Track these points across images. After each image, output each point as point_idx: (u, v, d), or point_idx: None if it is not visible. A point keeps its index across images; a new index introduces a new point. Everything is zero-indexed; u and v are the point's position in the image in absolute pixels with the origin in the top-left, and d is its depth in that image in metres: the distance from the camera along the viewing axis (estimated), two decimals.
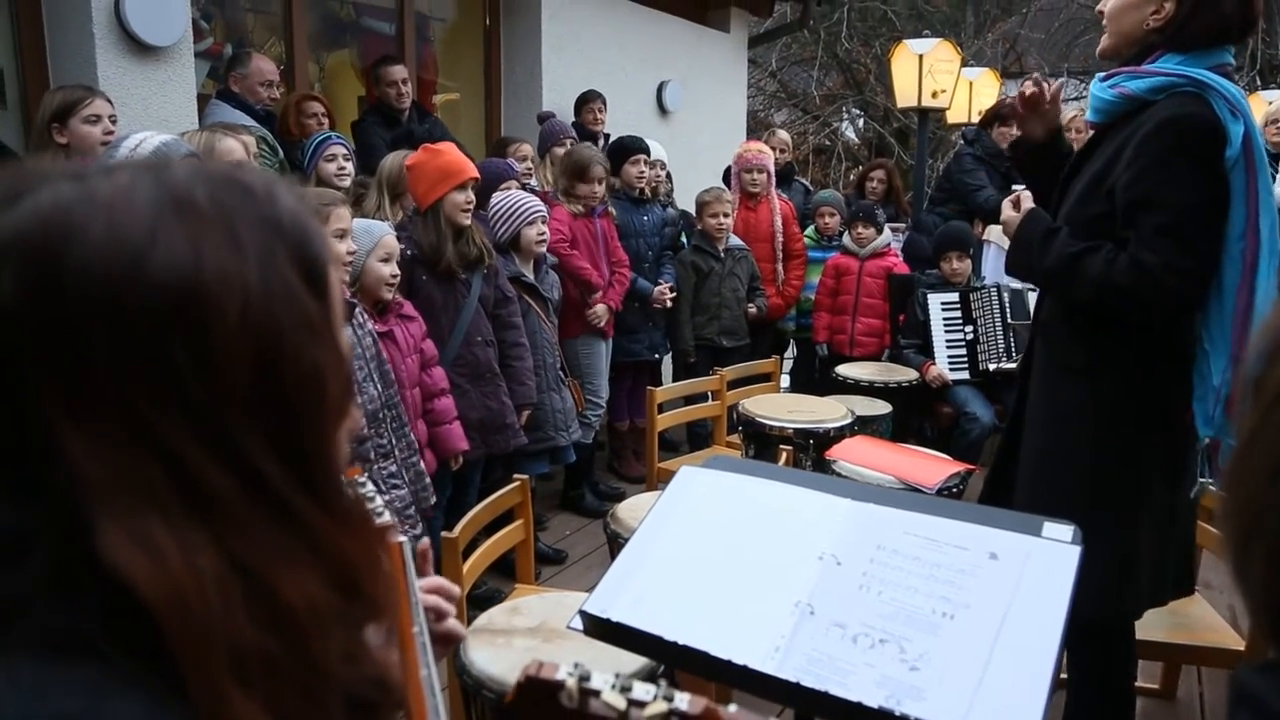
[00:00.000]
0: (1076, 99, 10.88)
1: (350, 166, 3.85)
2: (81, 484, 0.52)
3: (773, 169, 5.49)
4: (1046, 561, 1.38)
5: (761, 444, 3.45)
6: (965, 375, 4.69)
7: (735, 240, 5.20)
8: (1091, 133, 2.21)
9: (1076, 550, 1.38)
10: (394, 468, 2.76)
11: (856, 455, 2.94)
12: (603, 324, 4.49)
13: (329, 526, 0.60)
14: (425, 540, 1.11)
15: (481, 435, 3.51)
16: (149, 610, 0.52)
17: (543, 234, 3.90)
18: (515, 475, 2.69)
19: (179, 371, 0.54)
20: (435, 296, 3.43)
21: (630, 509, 2.71)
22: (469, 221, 3.47)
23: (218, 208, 0.58)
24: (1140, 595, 2.13)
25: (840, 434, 3.37)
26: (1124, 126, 2.05)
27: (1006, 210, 2.28)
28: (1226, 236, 1.94)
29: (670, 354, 5.30)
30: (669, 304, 4.89)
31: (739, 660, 1.27)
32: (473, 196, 3.48)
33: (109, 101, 3.05)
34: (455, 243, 3.42)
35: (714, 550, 1.52)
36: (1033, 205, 2.25)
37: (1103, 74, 2.12)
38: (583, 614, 1.40)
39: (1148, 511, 2.09)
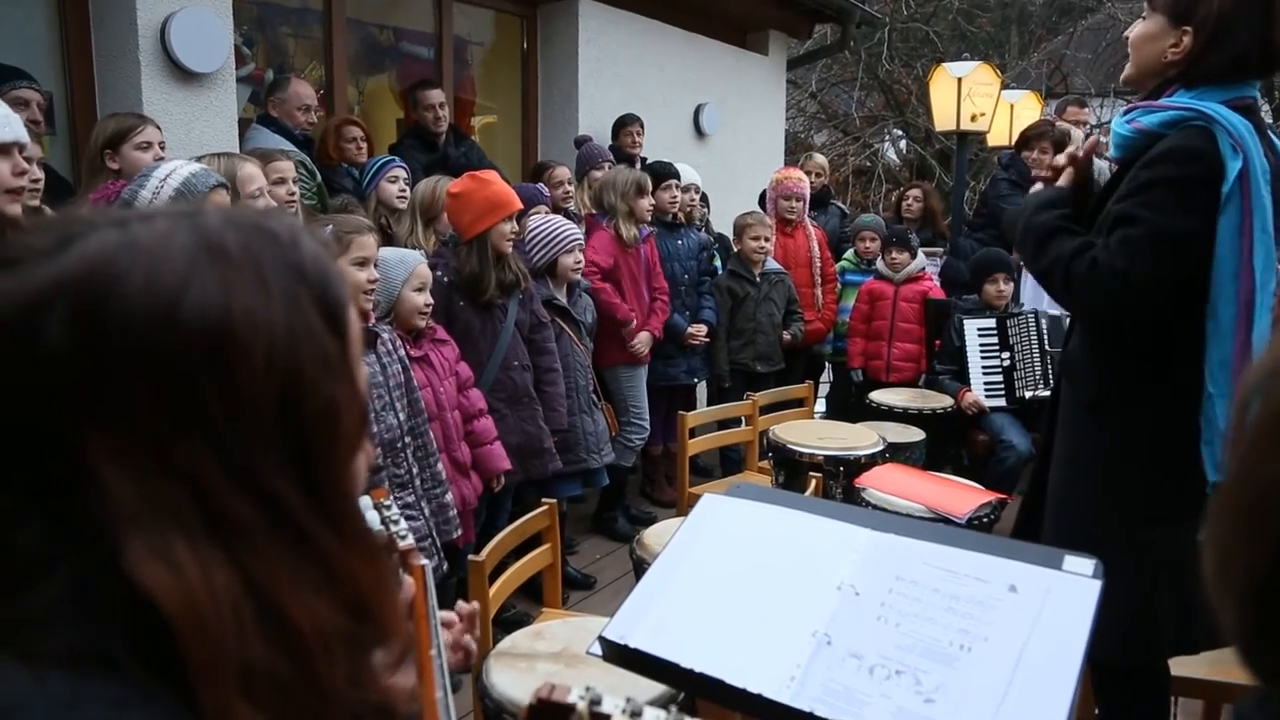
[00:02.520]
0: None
1: (409, 189, 3.97)
2: (113, 507, 0.57)
3: (808, 195, 5.54)
4: (1066, 595, 1.39)
5: (791, 470, 3.46)
6: (1002, 402, 4.67)
7: (773, 264, 5.24)
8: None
9: (1097, 585, 1.39)
10: (411, 498, 2.79)
11: (887, 483, 2.94)
12: (645, 352, 4.55)
13: (342, 551, 0.64)
14: (472, 606, 1.16)
15: (520, 460, 3.54)
16: (167, 625, 0.56)
17: (579, 262, 3.97)
18: (545, 499, 2.73)
19: (208, 407, 0.59)
20: (473, 323, 3.48)
21: (656, 534, 2.73)
22: (510, 249, 3.53)
23: (247, 254, 0.63)
24: (1162, 642, 2.10)
25: (871, 461, 3.37)
26: (1139, 162, 2.06)
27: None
28: (1217, 274, 1.93)
29: (706, 378, 5.33)
30: (704, 341, 4.93)
31: (754, 689, 1.29)
32: (517, 227, 3.55)
33: (159, 128, 3.16)
34: (495, 269, 3.47)
35: (734, 578, 1.54)
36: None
37: (1124, 108, 2.14)
38: (602, 640, 1.43)
39: (1160, 556, 2.06)
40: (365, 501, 1.14)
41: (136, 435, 0.58)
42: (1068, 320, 2.42)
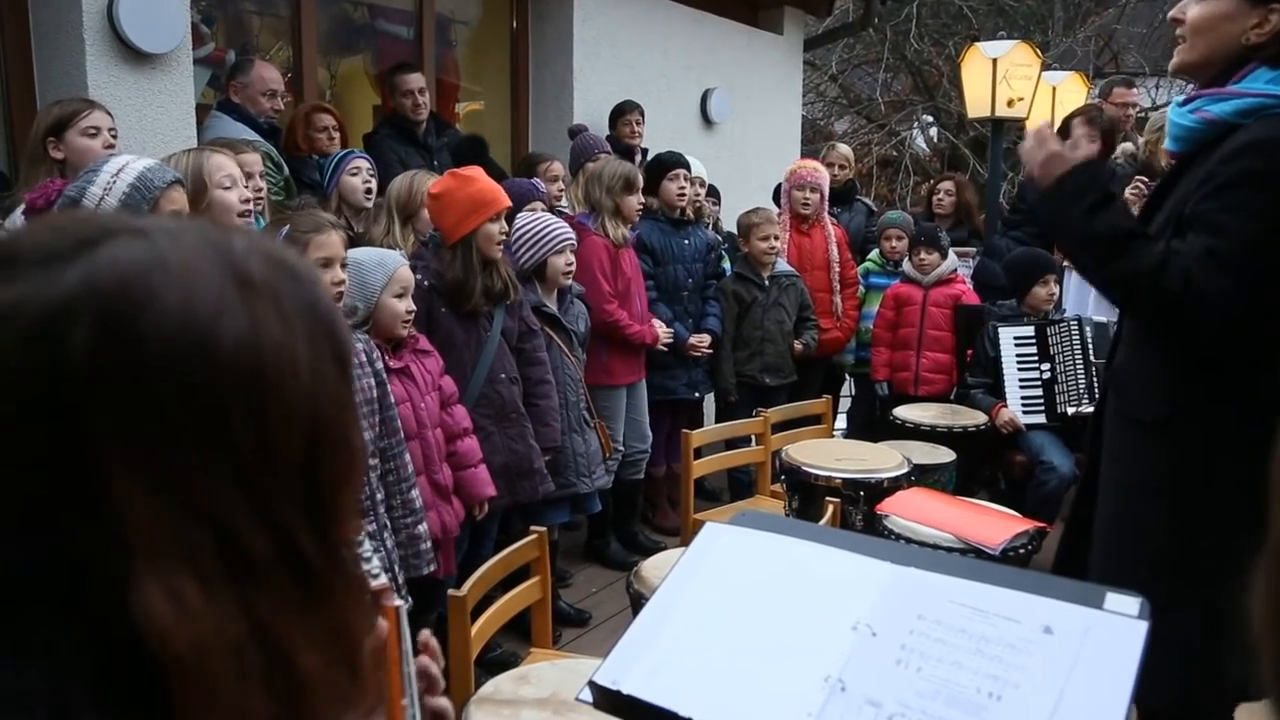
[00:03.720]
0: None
1: (375, 183, 3.98)
2: (128, 540, 0.58)
3: (827, 189, 5.55)
4: (1108, 638, 1.38)
5: (806, 495, 3.46)
6: (1041, 419, 4.66)
7: (784, 266, 5.26)
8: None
9: (1143, 626, 1.38)
10: (371, 527, 2.79)
11: (911, 510, 2.94)
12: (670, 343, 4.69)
13: (339, 585, 0.67)
14: (425, 633, 1.17)
15: (507, 482, 3.55)
16: (163, 668, 0.57)
17: (570, 263, 3.98)
18: (533, 527, 2.73)
19: (238, 444, 0.61)
20: (456, 332, 3.49)
21: (656, 566, 2.73)
22: (500, 254, 3.54)
23: (269, 287, 0.65)
24: (1228, 689, 2.09)
25: (895, 485, 3.36)
26: (1207, 155, 2.05)
27: (1035, 142, 2.21)
28: None
29: (713, 393, 5.33)
30: (706, 353, 4.96)
31: None
32: (506, 226, 3.55)
33: (109, 114, 3.16)
34: (481, 276, 3.47)
35: (738, 617, 1.54)
36: (1088, 150, 2.23)
37: (1181, 97, 2.13)
38: (592, 685, 1.42)
39: (1230, 595, 2.05)
40: None
41: (162, 468, 0.59)
42: (1115, 327, 2.40)
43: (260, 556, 0.61)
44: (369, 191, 3.97)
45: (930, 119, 14.60)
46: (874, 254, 5.87)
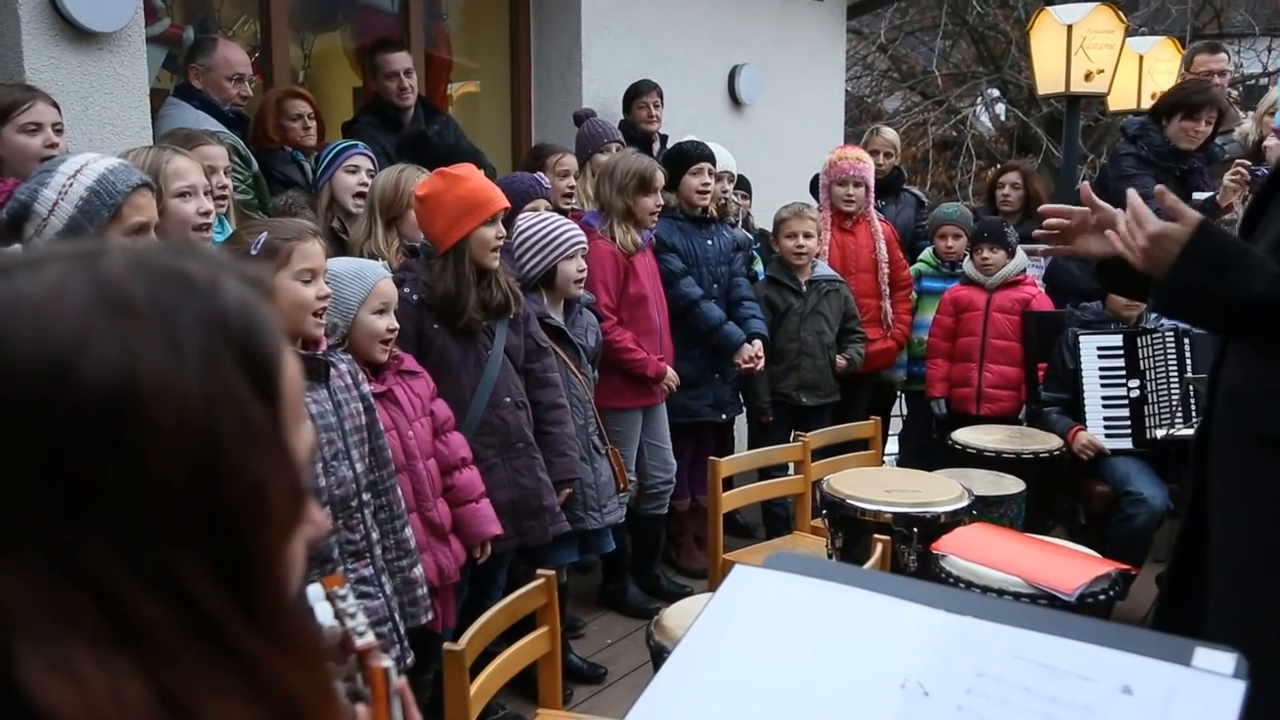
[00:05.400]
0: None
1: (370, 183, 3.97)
2: (1, 613, 0.60)
3: (873, 180, 5.57)
4: (1198, 700, 1.38)
5: (851, 532, 3.47)
6: (1127, 444, 4.63)
7: (824, 269, 5.28)
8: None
9: (1240, 686, 1.38)
10: (368, 571, 2.81)
11: (973, 549, 2.94)
12: (674, 388, 4.64)
13: (272, 658, 0.67)
14: (401, 680, 1.18)
15: (513, 521, 3.55)
16: None
17: (583, 270, 4.00)
18: (540, 570, 2.74)
19: (109, 493, 0.62)
20: (451, 351, 3.50)
21: (680, 615, 2.74)
22: (497, 263, 3.54)
23: (156, 306, 0.66)
24: None
25: (954, 520, 3.37)
26: None
27: (1140, 205, 2.16)
28: None
29: (744, 413, 5.35)
30: (754, 362, 4.92)
31: None
32: (503, 230, 3.56)
33: (55, 105, 3.18)
34: (476, 288, 3.47)
35: (772, 674, 1.55)
36: (1188, 209, 2.16)
37: None
38: None
39: None
40: (315, 591, 1.17)
41: (22, 525, 0.61)
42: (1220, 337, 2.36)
43: (151, 620, 0.62)
44: (362, 190, 3.96)
45: (996, 94, 14.57)
46: (926, 253, 5.87)
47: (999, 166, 7.23)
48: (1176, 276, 2.11)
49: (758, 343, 4.89)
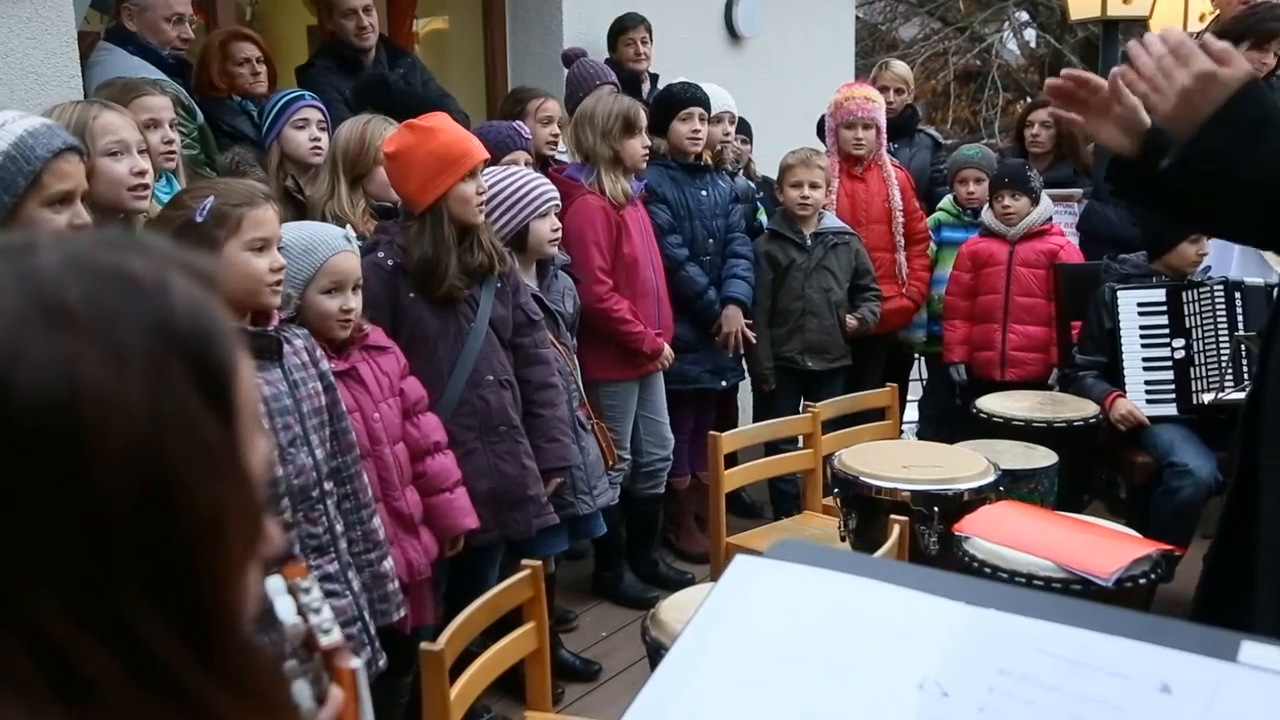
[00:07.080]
0: None
1: (326, 137, 3.96)
2: None
3: (884, 121, 5.54)
4: (1244, 698, 1.39)
5: (866, 512, 3.49)
6: (1171, 410, 4.61)
7: (832, 220, 5.26)
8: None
9: None
10: (333, 567, 2.81)
11: (999, 530, 2.96)
12: (667, 365, 4.66)
13: (230, 707, 0.67)
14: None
15: (493, 512, 3.54)
16: None
17: (556, 229, 3.99)
18: (525, 560, 2.76)
19: (46, 524, 0.61)
20: (429, 322, 3.48)
21: (678, 607, 2.77)
22: (482, 218, 3.52)
23: (96, 313, 0.65)
24: None
25: (979, 498, 3.38)
26: None
27: (1185, 39, 2.04)
28: None
29: (747, 379, 5.37)
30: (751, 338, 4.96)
31: None
32: (484, 184, 3.54)
33: None
34: (457, 250, 3.44)
35: (777, 673, 1.57)
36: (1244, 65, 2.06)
37: None
38: None
39: None
40: (276, 584, 1.18)
41: None
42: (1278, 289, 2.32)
43: (94, 669, 0.61)
44: (318, 148, 3.95)
45: (1025, 17, 14.50)
46: (946, 200, 5.86)
47: (1029, 101, 7.17)
48: (1215, 125, 2.02)
49: (732, 309, 4.89)
